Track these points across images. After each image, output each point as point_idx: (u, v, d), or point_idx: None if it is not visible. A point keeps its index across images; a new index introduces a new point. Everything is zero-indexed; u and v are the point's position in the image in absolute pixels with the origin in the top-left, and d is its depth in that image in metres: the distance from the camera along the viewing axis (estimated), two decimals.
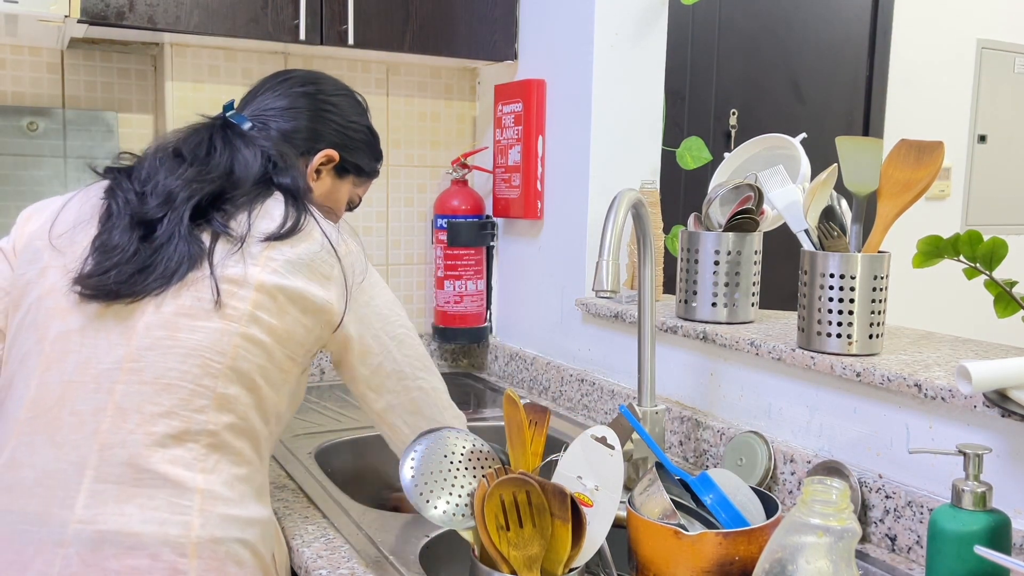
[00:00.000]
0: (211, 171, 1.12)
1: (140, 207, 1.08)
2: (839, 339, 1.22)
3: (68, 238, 1.09)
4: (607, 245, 1.15)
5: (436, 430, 1.08)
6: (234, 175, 1.12)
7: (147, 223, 1.07)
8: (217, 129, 1.18)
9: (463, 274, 2.05)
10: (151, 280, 1.03)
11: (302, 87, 1.26)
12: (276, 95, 1.25)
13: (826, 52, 2.79)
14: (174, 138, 1.17)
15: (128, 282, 1.03)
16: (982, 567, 0.89)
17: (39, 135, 1.80)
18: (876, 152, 1.24)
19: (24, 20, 1.52)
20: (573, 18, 1.80)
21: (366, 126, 1.32)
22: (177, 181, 1.09)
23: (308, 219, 1.12)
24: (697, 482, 1.05)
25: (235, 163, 1.13)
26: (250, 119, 1.21)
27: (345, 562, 1.08)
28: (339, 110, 1.28)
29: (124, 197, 1.09)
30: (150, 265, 1.04)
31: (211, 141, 1.16)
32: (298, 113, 1.24)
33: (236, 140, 1.16)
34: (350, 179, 1.31)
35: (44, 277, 1.06)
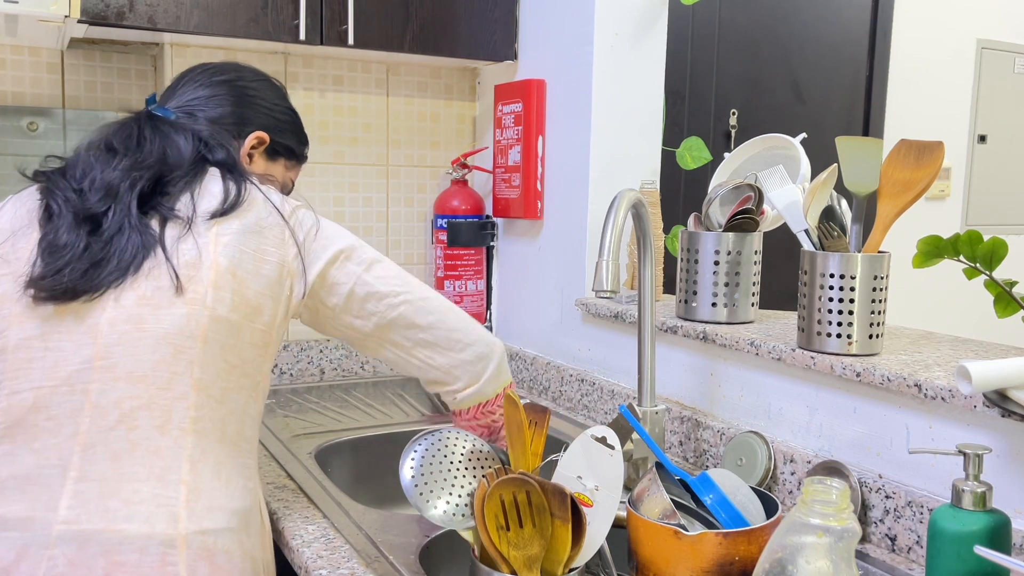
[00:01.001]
0: (145, 158, 1.10)
1: (82, 203, 1.06)
2: (839, 339, 1.22)
3: (9, 245, 1.06)
4: (607, 245, 1.15)
5: (436, 430, 1.08)
6: (168, 159, 1.11)
7: (92, 217, 1.05)
8: (144, 120, 1.17)
9: (463, 274, 2.05)
10: (107, 273, 1.02)
11: (222, 75, 1.26)
12: (197, 85, 1.24)
13: (826, 52, 2.79)
14: (102, 134, 1.15)
15: (84, 278, 1.01)
16: (982, 567, 0.89)
17: (39, 135, 1.80)
18: (876, 152, 1.24)
19: (24, 20, 1.52)
20: (573, 18, 1.80)
21: (290, 108, 1.32)
22: (115, 172, 1.08)
23: (248, 188, 1.12)
24: (697, 482, 1.05)
25: (168, 148, 1.12)
26: (174, 111, 1.21)
27: (345, 562, 1.08)
28: (262, 95, 1.28)
29: (63, 196, 1.07)
30: (104, 258, 1.02)
31: (140, 132, 1.14)
32: (223, 100, 1.24)
33: (165, 127, 1.15)
34: (282, 162, 1.31)
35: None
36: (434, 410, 1.82)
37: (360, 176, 2.08)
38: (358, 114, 2.06)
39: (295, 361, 2.03)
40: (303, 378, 2.03)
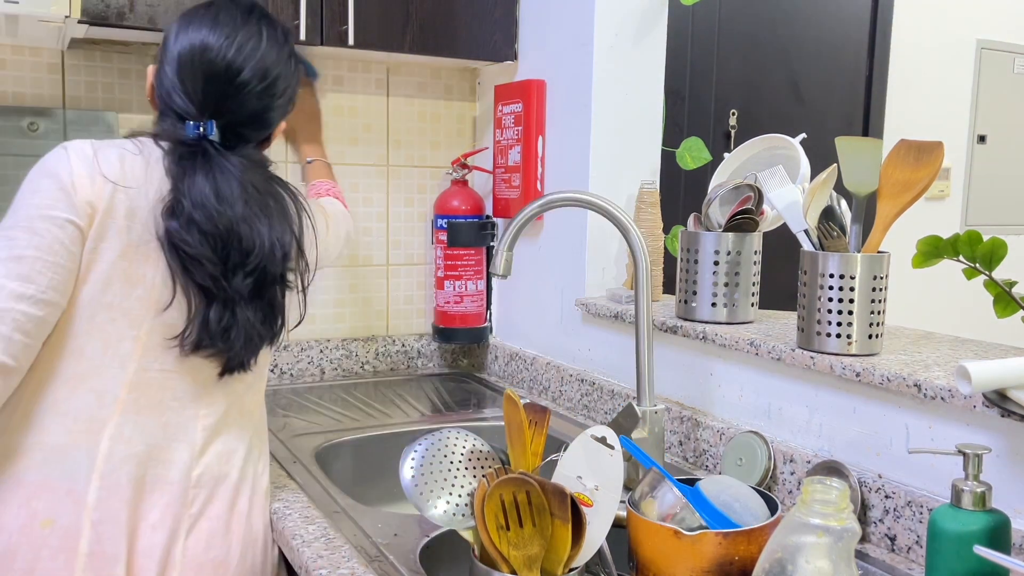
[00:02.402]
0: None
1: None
2: (839, 339, 1.22)
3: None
4: (506, 238, 1.34)
5: (436, 430, 1.08)
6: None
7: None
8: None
9: (463, 274, 2.05)
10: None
11: (261, 87, 1.20)
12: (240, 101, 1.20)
13: (826, 52, 2.79)
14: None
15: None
16: (982, 567, 0.89)
17: (40, 135, 1.80)
18: (876, 152, 1.24)
19: (24, 20, 1.52)
20: (573, 18, 1.80)
21: (299, 76, 1.29)
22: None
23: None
24: (690, 496, 1.05)
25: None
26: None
27: (345, 562, 1.09)
28: (291, 85, 1.25)
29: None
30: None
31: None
32: (264, 120, 1.24)
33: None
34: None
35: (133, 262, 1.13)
36: (434, 410, 1.83)
37: (360, 176, 2.08)
38: (358, 114, 2.06)
39: (295, 361, 2.03)
40: (303, 378, 2.03)
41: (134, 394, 1.14)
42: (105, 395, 1.12)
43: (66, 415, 1.11)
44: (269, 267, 1.16)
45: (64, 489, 1.10)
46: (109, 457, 1.12)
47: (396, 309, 2.16)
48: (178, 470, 1.16)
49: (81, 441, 1.11)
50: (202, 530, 1.16)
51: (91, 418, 1.12)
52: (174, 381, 1.16)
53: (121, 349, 1.13)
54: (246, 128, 1.21)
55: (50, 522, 1.09)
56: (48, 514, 1.09)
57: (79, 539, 1.09)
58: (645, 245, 1.34)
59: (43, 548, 1.08)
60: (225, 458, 1.20)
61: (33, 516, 1.09)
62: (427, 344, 2.17)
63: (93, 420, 1.12)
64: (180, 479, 1.16)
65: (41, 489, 1.10)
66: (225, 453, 1.20)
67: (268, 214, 1.17)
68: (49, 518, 1.09)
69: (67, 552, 1.09)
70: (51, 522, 1.09)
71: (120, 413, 1.13)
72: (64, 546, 1.09)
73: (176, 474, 1.16)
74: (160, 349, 1.15)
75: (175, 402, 1.17)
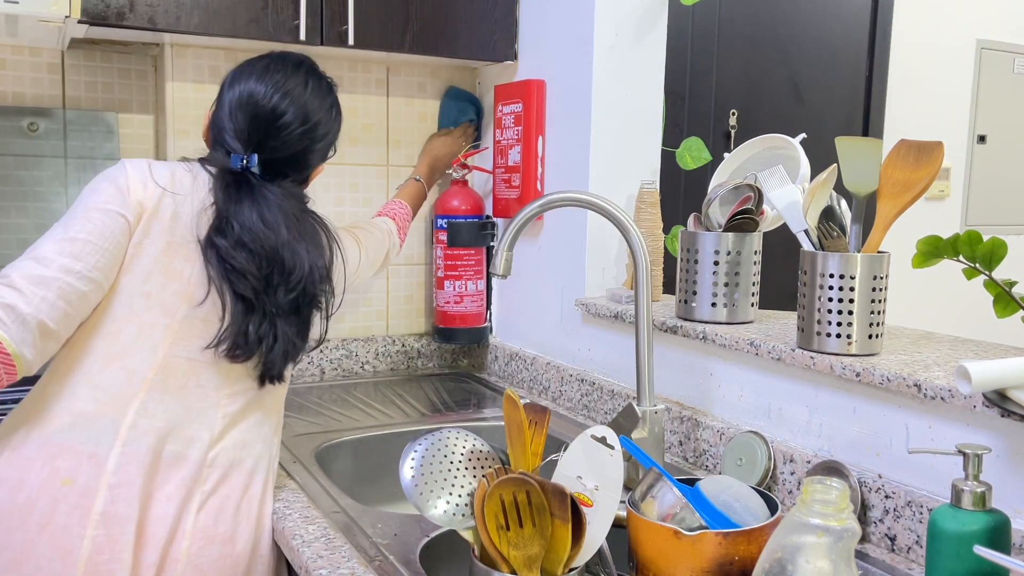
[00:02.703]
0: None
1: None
2: (839, 339, 1.22)
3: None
4: (506, 238, 1.35)
5: (436, 430, 1.08)
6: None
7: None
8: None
9: (463, 274, 2.05)
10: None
11: (301, 129, 1.33)
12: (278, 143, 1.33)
13: (826, 52, 2.79)
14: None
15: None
16: (982, 567, 0.89)
17: (40, 135, 1.80)
18: (876, 152, 1.24)
19: (24, 20, 1.52)
20: (573, 18, 1.80)
21: (339, 125, 1.42)
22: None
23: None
24: (690, 496, 1.05)
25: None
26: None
27: (345, 562, 1.09)
28: (331, 131, 1.40)
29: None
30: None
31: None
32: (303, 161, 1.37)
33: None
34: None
35: (171, 259, 1.24)
36: (434, 410, 1.83)
37: (360, 176, 2.08)
38: (358, 114, 2.06)
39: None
40: (303, 378, 2.03)
41: (161, 375, 1.22)
42: (135, 373, 1.21)
43: (97, 387, 1.20)
44: (308, 288, 1.28)
45: (87, 453, 1.17)
46: (133, 428, 1.19)
47: (396, 309, 2.16)
48: (196, 449, 1.22)
49: (108, 411, 1.19)
50: (213, 506, 1.22)
51: (120, 392, 1.20)
52: (200, 369, 1.24)
53: (154, 335, 1.22)
54: (286, 167, 1.33)
55: (70, 481, 1.15)
56: (69, 473, 1.15)
57: (95, 498, 1.15)
58: (645, 245, 1.34)
59: (60, 503, 1.14)
60: (241, 445, 1.26)
61: (55, 474, 1.15)
62: (427, 344, 2.17)
63: (121, 394, 1.20)
64: (197, 457, 1.22)
65: (66, 451, 1.16)
66: (241, 441, 1.26)
67: (307, 239, 1.29)
68: (70, 477, 1.15)
69: (82, 509, 1.15)
70: (71, 481, 1.15)
71: (147, 391, 1.21)
72: (80, 503, 1.15)
73: (194, 452, 1.22)
74: (191, 339, 1.24)
75: (199, 388, 1.24)
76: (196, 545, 1.19)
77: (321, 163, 1.41)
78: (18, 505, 1.14)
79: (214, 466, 1.22)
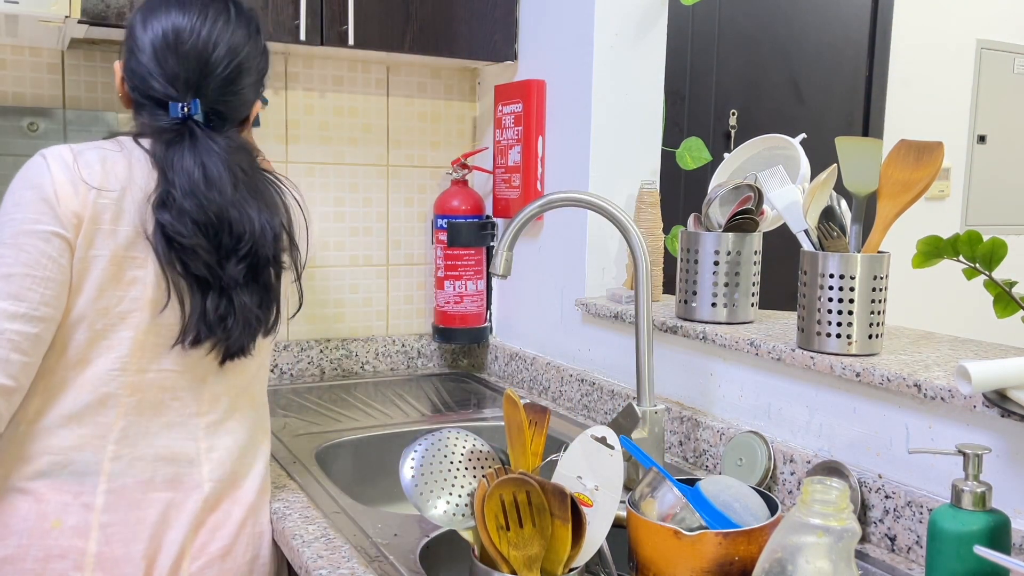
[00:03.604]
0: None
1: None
2: (839, 339, 1.22)
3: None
4: (506, 239, 1.34)
5: (436, 430, 1.08)
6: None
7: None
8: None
9: (463, 274, 2.05)
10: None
11: (235, 63, 1.19)
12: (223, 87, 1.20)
13: (826, 52, 2.79)
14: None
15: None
16: (982, 567, 0.89)
17: (39, 135, 1.80)
18: (876, 152, 1.24)
19: (24, 20, 1.52)
20: (573, 18, 1.80)
21: (268, 58, 1.27)
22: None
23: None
24: (690, 496, 1.05)
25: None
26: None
27: (345, 562, 1.09)
28: (261, 62, 1.25)
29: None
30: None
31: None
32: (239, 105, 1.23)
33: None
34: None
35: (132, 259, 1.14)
36: (434, 410, 1.83)
37: (360, 176, 2.08)
38: (358, 114, 2.06)
39: (295, 361, 2.03)
40: (303, 378, 2.03)
41: (135, 396, 1.15)
42: (108, 399, 1.14)
43: (71, 419, 1.13)
44: (261, 250, 1.16)
45: (72, 492, 1.12)
46: (116, 461, 1.14)
47: (396, 309, 2.16)
48: (184, 467, 1.18)
49: (87, 446, 1.13)
50: (209, 524, 1.19)
51: (95, 423, 1.14)
52: (172, 380, 1.17)
53: (120, 352, 1.14)
54: (225, 108, 1.20)
55: (59, 523, 1.11)
56: (57, 516, 1.11)
57: (87, 539, 1.11)
58: (645, 245, 1.34)
59: (53, 548, 1.10)
60: (230, 454, 1.21)
61: (43, 518, 1.11)
62: (427, 344, 2.17)
63: (98, 425, 1.14)
64: (187, 476, 1.18)
65: (50, 492, 1.11)
66: (230, 449, 1.22)
67: (256, 196, 1.17)
68: (58, 519, 1.11)
69: (75, 552, 1.11)
70: (60, 523, 1.11)
71: (123, 416, 1.15)
72: (73, 546, 1.11)
73: (183, 471, 1.18)
74: (156, 350, 1.16)
75: (175, 401, 1.18)
76: (196, 564, 1.17)
77: (256, 100, 1.26)
78: (8, 555, 1.10)
79: (207, 481, 1.19)
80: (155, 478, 1.16)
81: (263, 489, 1.26)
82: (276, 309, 1.23)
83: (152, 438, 1.16)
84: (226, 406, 1.22)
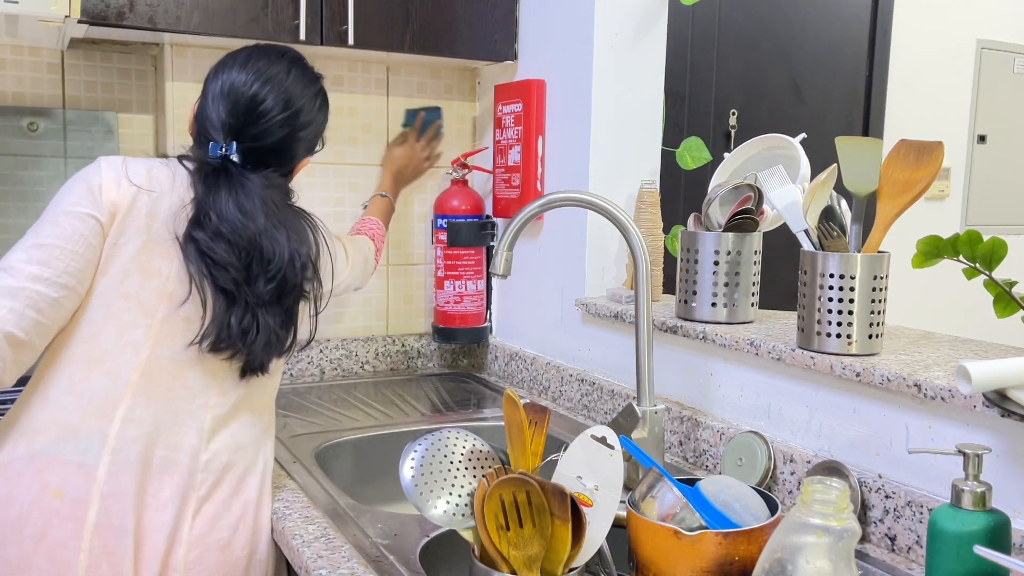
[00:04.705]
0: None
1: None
2: (839, 339, 1.22)
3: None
4: (505, 239, 1.35)
5: (436, 430, 1.08)
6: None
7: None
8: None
9: (463, 274, 2.05)
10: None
11: (283, 116, 1.30)
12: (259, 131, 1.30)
13: (826, 52, 2.79)
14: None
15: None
16: (982, 567, 0.89)
17: (39, 135, 1.80)
18: (876, 152, 1.24)
19: (24, 20, 1.52)
20: (573, 18, 1.80)
21: (326, 116, 1.40)
22: None
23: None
24: (690, 496, 1.05)
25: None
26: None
27: (345, 562, 1.09)
28: (315, 121, 1.37)
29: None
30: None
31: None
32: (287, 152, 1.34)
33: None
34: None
35: (148, 257, 1.22)
36: (434, 410, 1.83)
37: (360, 176, 2.08)
38: (358, 114, 2.06)
39: (295, 361, 2.03)
40: (303, 378, 2.03)
41: (145, 378, 1.19)
42: (118, 378, 1.19)
43: (81, 395, 1.17)
44: (289, 276, 1.25)
45: (76, 464, 1.15)
46: (120, 435, 1.17)
47: (396, 309, 2.16)
48: (186, 453, 1.20)
49: (94, 419, 1.17)
50: (208, 513, 1.20)
51: (104, 398, 1.18)
52: (185, 370, 1.22)
53: (134, 336, 1.20)
54: (268, 156, 1.30)
55: (61, 493, 1.14)
56: (59, 485, 1.14)
57: (88, 510, 1.14)
58: (645, 245, 1.34)
59: (53, 517, 1.13)
60: (233, 448, 1.24)
61: (45, 487, 1.14)
62: (427, 344, 2.17)
63: (106, 400, 1.18)
64: (188, 462, 1.20)
65: (54, 463, 1.15)
66: (233, 443, 1.24)
67: (287, 227, 1.26)
68: (60, 489, 1.14)
69: (75, 521, 1.13)
70: (62, 493, 1.14)
71: (132, 395, 1.19)
72: (73, 515, 1.14)
73: (184, 457, 1.20)
74: (173, 339, 1.21)
75: (185, 390, 1.22)
76: (193, 553, 1.18)
77: (307, 155, 1.39)
78: (10, 520, 1.13)
79: (207, 471, 1.21)
80: (155, 457, 1.18)
81: (264, 488, 1.27)
82: (294, 333, 1.29)
83: (158, 419, 1.19)
84: (234, 404, 1.25)
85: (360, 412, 1.78)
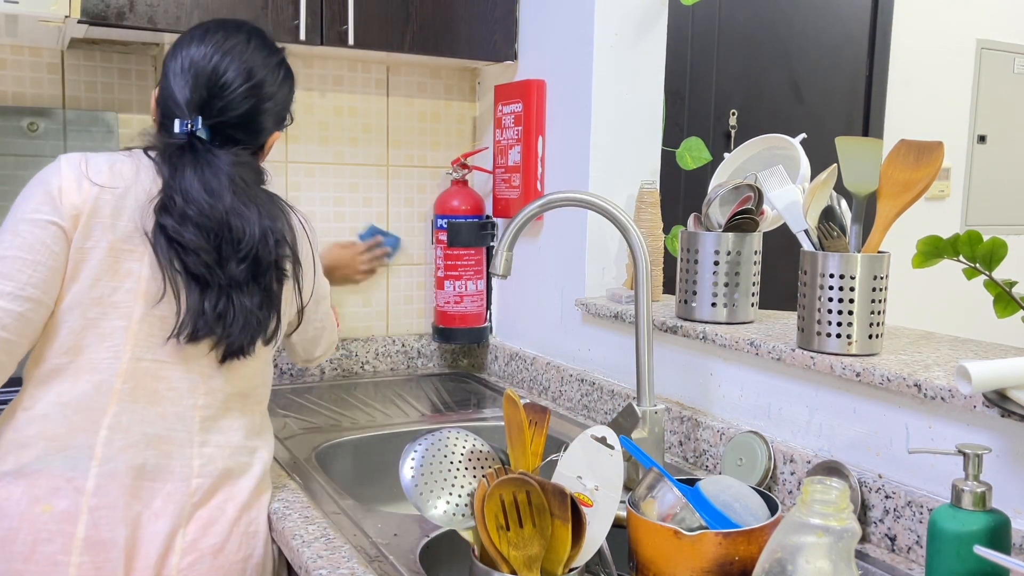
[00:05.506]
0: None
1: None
2: (839, 339, 1.22)
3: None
4: (505, 239, 1.34)
5: (436, 430, 1.08)
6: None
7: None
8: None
9: (463, 274, 2.05)
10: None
11: (245, 87, 1.25)
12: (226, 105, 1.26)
13: (826, 52, 2.79)
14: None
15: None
16: (982, 567, 0.89)
17: (39, 135, 1.80)
18: (876, 152, 1.24)
19: (24, 20, 1.52)
20: (573, 18, 1.80)
21: (291, 87, 1.35)
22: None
23: None
24: (690, 496, 1.05)
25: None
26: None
27: (345, 562, 1.08)
28: (279, 92, 1.31)
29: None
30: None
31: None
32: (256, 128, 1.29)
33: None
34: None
35: (118, 258, 1.18)
36: (434, 410, 1.83)
37: (360, 176, 2.08)
38: (358, 114, 2.06)
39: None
40: (303, 378, 2.03)
41: (129, 384, 1.17)
42: (102, 385, 1.17)
43: (66, 407, 1.16)
44: (262, 253, 1.21)
45: (65, 478, 1.14)
46: (108, 446, 1.15)
47: (396, 309, 2.16)
48: (177, 459, 1.19)
49: (80, 431, 1.15)
50: (201, 518, 1.19)
51: (89, 408, 1.16)
52: (168, 371, 1.19)
53: (114, 341, 1.17)
54: (235, 130, 1.26)
55: (50, 507, 1.13)
56: (48, 500, 1.13)
57: (76, 524, 1.13)
58: (645, 245, 1.34)
59: (41, 531, 1.12)
60: (226, 450, 1.22)
61: (34, 502, 1.13)
62: (427, 344, 2.17)
63: (91, 410, 1.16)
64: (180, 468, 1.18)
65: (43, 478, 1.14)
66: (225, 445, 1.22)
67: (257, 203, 1.22)
68: (49, 504, 1.13)
69: (64, 536, 1.12)
70: (50, 507, 1.13)
71: (116, 403, 1.17)
72: (61, 530, 1.12)
73: (176, 463, 1.18)
74: (151, 340, 1.19)
75: (171, 392, 1.20)
76: (186, 560, 1.17)
77: (276, 130, 1.33)
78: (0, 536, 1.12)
79: (200, 476, 1.19)
80: (146, 465, 1.17)
81: (259, 489, 1.25)
82: (277, 317, 1.26)
83: (145, 426, 1.17)
84: (223, 403, 1.23)
85: (360, 412, 1.78)
